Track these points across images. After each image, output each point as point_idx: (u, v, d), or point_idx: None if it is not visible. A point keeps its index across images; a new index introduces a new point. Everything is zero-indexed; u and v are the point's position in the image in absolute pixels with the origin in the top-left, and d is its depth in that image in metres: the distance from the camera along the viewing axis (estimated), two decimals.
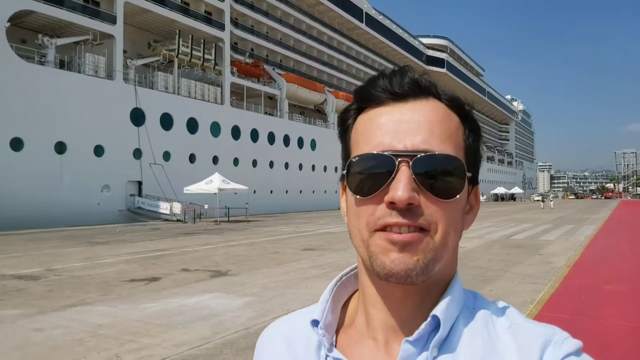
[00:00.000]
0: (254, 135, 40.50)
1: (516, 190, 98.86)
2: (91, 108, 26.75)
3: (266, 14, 43.94)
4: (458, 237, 0.64)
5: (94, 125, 26.88)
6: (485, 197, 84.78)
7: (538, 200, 78.86)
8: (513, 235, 18.93)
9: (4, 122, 23.13)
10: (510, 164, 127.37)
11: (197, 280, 9.38)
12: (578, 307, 7.07)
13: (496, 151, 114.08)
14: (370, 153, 0.61)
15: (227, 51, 38.39)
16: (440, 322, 0.61)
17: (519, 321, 0.63)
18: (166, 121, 32.36)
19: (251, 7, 42.19)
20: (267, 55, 45.52)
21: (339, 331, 0.70)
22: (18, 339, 5.60)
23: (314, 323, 0.68)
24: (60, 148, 25.81)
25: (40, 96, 24.43)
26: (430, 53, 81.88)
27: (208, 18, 37.02)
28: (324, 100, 49.82)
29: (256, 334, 0.73)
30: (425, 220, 0.59)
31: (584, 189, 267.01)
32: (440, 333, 0.60)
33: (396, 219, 0.58)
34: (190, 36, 34.68)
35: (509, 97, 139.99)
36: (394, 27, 67.82)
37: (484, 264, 11.26)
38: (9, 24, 23.91)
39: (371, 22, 60.73)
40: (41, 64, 25.78)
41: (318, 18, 51.43)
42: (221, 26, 37.84)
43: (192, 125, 34.39)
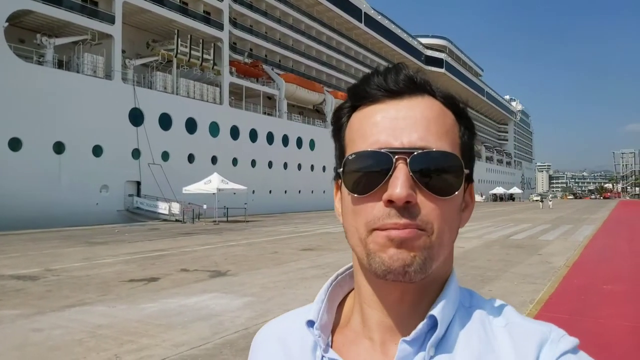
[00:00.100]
0: (253, 135, 40.49)
1: (515, 190, 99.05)
2: (90, 108, 26.73)
3: (265, 14, 43.94)
4: (455, 235, 0.63)
5: (93, 125, 26.85)
6: (484, 197, 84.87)
7: (537, 200, 79.02)
8: (512, 236, 18.95)
9: (2, 122, 23.10)
10: (509, 164, 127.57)
11: (196, 280, 9.37)
12: (577, 307, 7.08)
13: (495, 151, 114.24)
14: (367, 150, 0.60)
15: (226, 51, 38.38)
16: (437, 322, 0.60)
17: (515, 319, 0.63)
18: (165, 121, 32.34)
19: (250, 7, 42.18)
20: (266, 55, 45.52)
21: (335, 331, 0.69)
22: (17, 339, 5.58)
23: (310, 323, 0.67)
24: (59, 148, 25.77)
25: (38, 96, 24.39)
26: (429, 53, 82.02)
27: (207, 18, 37.00)
28: (323, 100, 49.80)
29: (256, 334, 0.72)
30: (422, 219, 0.58)
31: (583, 189, 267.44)
32: (437, 333, 0.60)
33: (395, 220, 0.57)
34: (188, 36, 34.68)
35: (507, 97, 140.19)
36: (392, 27, 67.89)
37: (483, 264, 11.27)
38: (7, 23, 23.89)
39: (370, 22, 60.78)
40: (40, 63, 25.75)
41: (317, 18, 51.44)
42: (220, 26, 37.83)
43: (191, 125, 34.38)
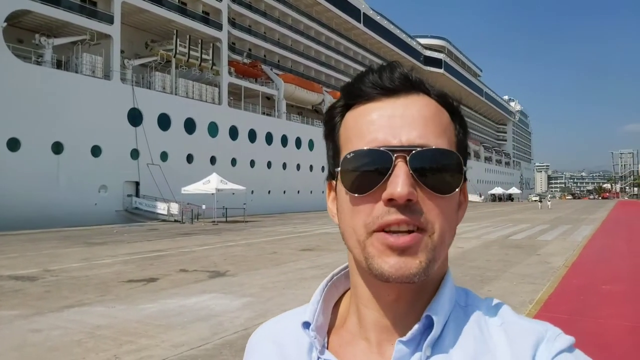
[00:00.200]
0: (252, 135, 40.48)
1: (514, 190, 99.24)
2: (88, 108, 26.70)
3: (264, 14, 43.94)
4: (454, 234, 0.63)
5: (91, 126, 26.82)
6: (482, 197, 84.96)
7: (536, 200, 79.14)
8: (511, 236, 18.96)
9: (0, 123, 23.07)
10: (507, 164, 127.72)
11: (196, 280, 9.36)
12: (577, 307, 7.08)
13: (494, 151, 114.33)
14: (366, 149, 0.59)
15: (225, 51, 38.38)
16: (433, 322, 0.60)
17: (511, 318, 0.63)
18: (164, 121, 32.32)
19: (249, 7, 42.18)
20: (265, 56, 45.52)
21: (331, 332, 0.69)
22: (16, 340, 5.57)
23: (305, 325, 0.67)
24: (57, 148, 25.74)
25: (37, 96, 24.37)
26: (428, 53, 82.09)
27: (205, 18, 36.99)
28: (322, 100, 49.81)
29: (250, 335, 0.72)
30: (423, 218, 0.57)
31: (582, 189, 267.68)
32: (433, 333, 0.59)
33: (395, 216, 0.56)
34: (187, 36, 34.68)
35: (506, 98, 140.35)
36: (391, 28, 67.94)
37: (483, 264, 11.28)
38: (5, 23, 23.85)
39: (369, 23, 60.81)
40: (38, 64, 25.73)
41: (316, 18, 51.44)
42: (219, 26, 37.82)
43: (190, 126, 34.36)
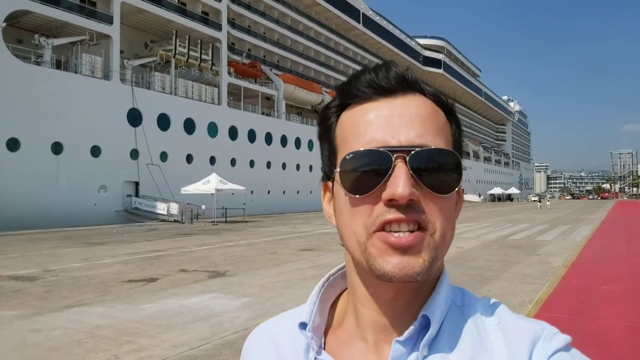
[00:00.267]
0: (251, 135, 40.47)
1: (513, 190, 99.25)
2: (88, 108, 26.69)
3: (263, 15, 43.93)
4: (453, 233, 0.63)
5: (91, 126, 26.81)
6: (482, 198, 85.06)
7: (535, 200, 79.19)
8: (510, 236, 18.98)
9: (0, 123, 23.05)
10: (507, 164, 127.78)
11: (195, 280, 9.36)
12: (576, 307, 7.08)
13: (493, 152, 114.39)
14: (365, 150, 0.58)
15: (224, 51, 38.37)
16: (429, 321, 0.60)
17: (508, 317, 0.63)
18: (163, 121, 32.31)
19: (248, 8, 42.17)
20: (264, 56, 45.51)
21: (327, 333, 0.69)
22: (16, 340, 5.57)
23: (302, 326, 0.66)
24: (57, 148, 25.73)
25: (36, 96, 24.35)
26: (427, 54, 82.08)
27: (205, 18, 36.99)
28: (321, 100, 49.75)
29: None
30: (424, 217, 0.57)
31: (581, 189, 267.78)
32: (430, 332, 0.60)
33: (396, 215, 0.56)
34: (187, 36, 34.66)
35: (505, 98, 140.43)
36: (390, 28, 67.96)
37: (482, 264, 11.29)
38: (5, 24, 23.83)
39: (368, 23, 60.82)
40: (38, 64, 25.71)
41: (315, 19, 51.44)
42: (218, 26, 37.81)
43: (189, 126, 34.35)
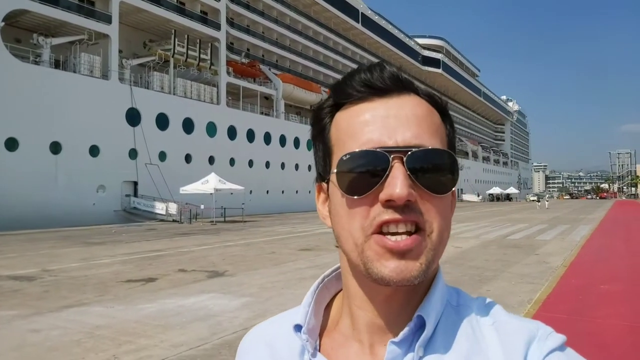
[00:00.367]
0: (250, 135, 40.45)
1: (512, 190, 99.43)
2: (86, 108, 26.65)
3: (262, 14, 43.91)
4: (449, 233, 0.63)
5: (90, 125, 26.77)
6: (481, 197, 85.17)
7: (533, 200, 79.34)
8: (509, 235, 18.99)
9: None
10: (505, 164, 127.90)
11: (194, 280, 9.35)
12: (575, 307, 7.09)
13: (492, 151, 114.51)
14: (362, 150, 0.58)
15: (223, 51, 38.34)
16: (425, 322, 0.60)
17: (503, 317, 0.63)
18: (162, 121, 32.27)
19: (247, 7, 42.15)
20: (263, 55, 45.49)
21: (322, 334, 0.68)
22: (15, 340, 5.56)
23: (297, 328, 0.66)
24: (56, 148, 25.69)
25: (35, 96, 24.30)
26: (426, 53, 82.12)
27: (204, 18, 36.96)
28: (320, 100, 49.58)
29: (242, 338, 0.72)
30: (422, 218, 0.57)
31: (579, 189, 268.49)
32: (426, 333, 0.59)
33: (393, 215, 0.56)
34: (186, 36, 34.64)
35: (504, 98, 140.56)
36: (389, 28, 67.98)
37: (481, 264, 11.30)
38: (3, 23, 23.79)
39: (367, 23, 60.82)
40: (36, 63, 25.67)
41: (314, 18, 51.43)
42: (217, 26, 37.79)
43: (188, 126, 34.32)
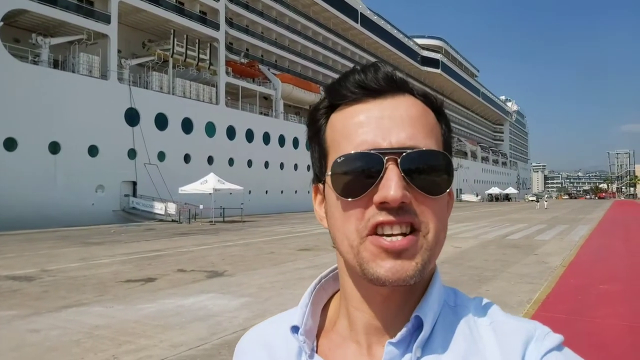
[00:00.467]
0: (249, 135, 40.43)
1: (510, 190, 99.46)
2: (85, 108, 26.61)
3: (261, 14, 43.90)
4: (446, 233, 0.63)
5: (88, 125, 26.73)
6: (480, 197, 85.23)
7: (532, 200, 79.36)
8: (508, 235, 19.01)
9: None
10: (504, 164, 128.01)
11: (194, 280, 9.35)
12: (574, 307, 7.10)
13: (490, 151, 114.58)
14: (357, 152, 0.58)
15: (222, 51, 38.32)
16: (422, 322, 0.60)
17: (500, 317, 0.63)
18: (161, 121, 32.24)
19: (246, 7, 42.13)
20: (262, 56, 45.48)
21: (320, 335, 0.68)
22: (14, 341, 5.55)
23: (294, 329, 0.66)
24: (54, 148, 25.65)
25: (34, 96, 24.27)
26: (425, 54, 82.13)
27: (203, 18, 36.94)
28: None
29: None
30: (417, 219, 0.57)
31: (578, 189, 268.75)
32: (423, 334, 0.60)
33: (388, 217, 0.56)
34: (185, 36, 34.60)
35: (503, 98, 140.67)
36: (388, 28, 67.98)
37: (480, 264, 11.31)
38: (2, 23, 23.74)
39: (366, 23, 60.83)
40: (35, 63, 25.62)
41: (313, 18, 51.41)
42: (216, 26, 37.77)
43: (187, 126, 34.29)
